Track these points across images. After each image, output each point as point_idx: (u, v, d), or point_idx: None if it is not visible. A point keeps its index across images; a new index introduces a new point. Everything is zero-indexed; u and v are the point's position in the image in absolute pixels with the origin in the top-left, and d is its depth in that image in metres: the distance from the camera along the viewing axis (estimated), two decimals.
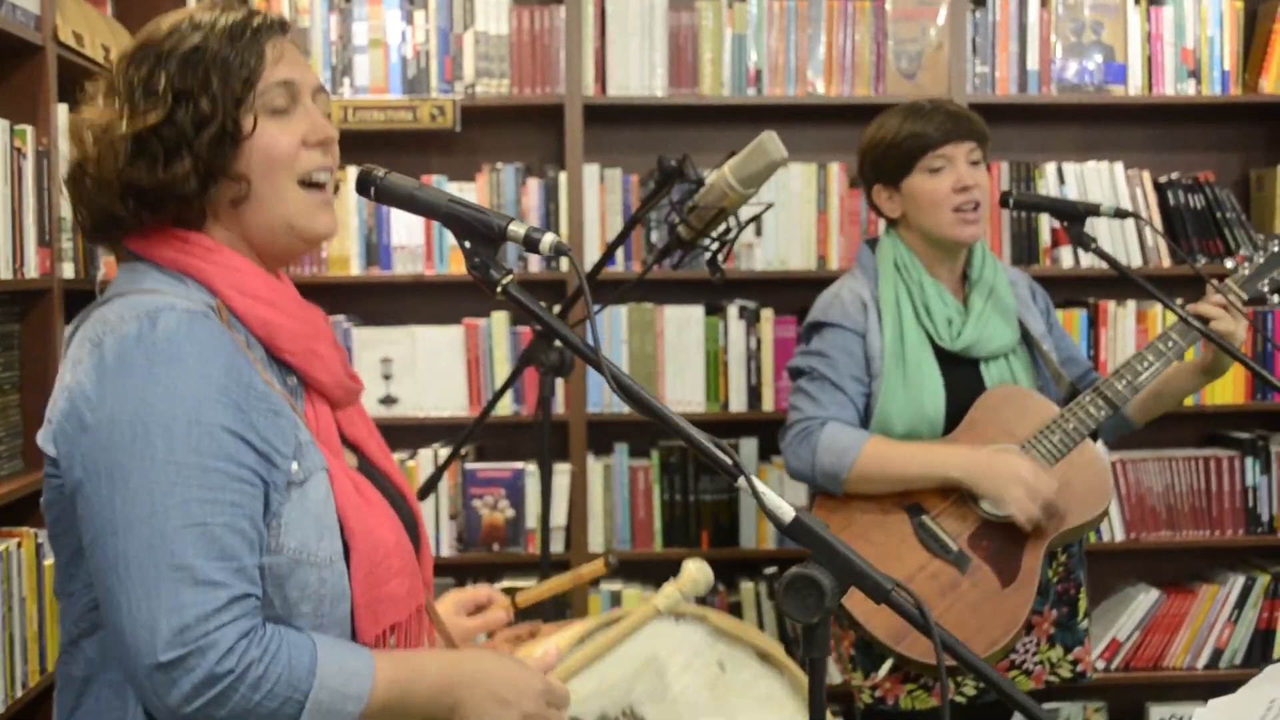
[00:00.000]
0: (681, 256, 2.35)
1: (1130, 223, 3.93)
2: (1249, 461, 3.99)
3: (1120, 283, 3.99)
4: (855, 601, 2.64)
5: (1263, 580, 4.01)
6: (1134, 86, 3.93)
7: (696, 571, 1.79)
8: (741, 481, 1.51)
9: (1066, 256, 3.93)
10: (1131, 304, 3.95)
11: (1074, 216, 2.67)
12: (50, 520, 1.56)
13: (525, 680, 1.60)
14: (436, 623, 1.76)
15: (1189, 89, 3.94)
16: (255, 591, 1.43)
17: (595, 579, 1.98)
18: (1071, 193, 3.91)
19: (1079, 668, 2.84)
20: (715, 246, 2.37)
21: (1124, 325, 3.94)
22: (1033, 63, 3.92)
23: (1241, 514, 4.00)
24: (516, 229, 1.59)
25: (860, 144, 2.86)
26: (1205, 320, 2.65)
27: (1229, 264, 2.79)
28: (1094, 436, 2.80)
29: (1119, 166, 3.95)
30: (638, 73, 3.87)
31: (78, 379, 1.45)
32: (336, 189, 1.67)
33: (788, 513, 1.50)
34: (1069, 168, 3.94)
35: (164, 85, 1.53)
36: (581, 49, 3.82)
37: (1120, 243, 3.93)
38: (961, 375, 2.78)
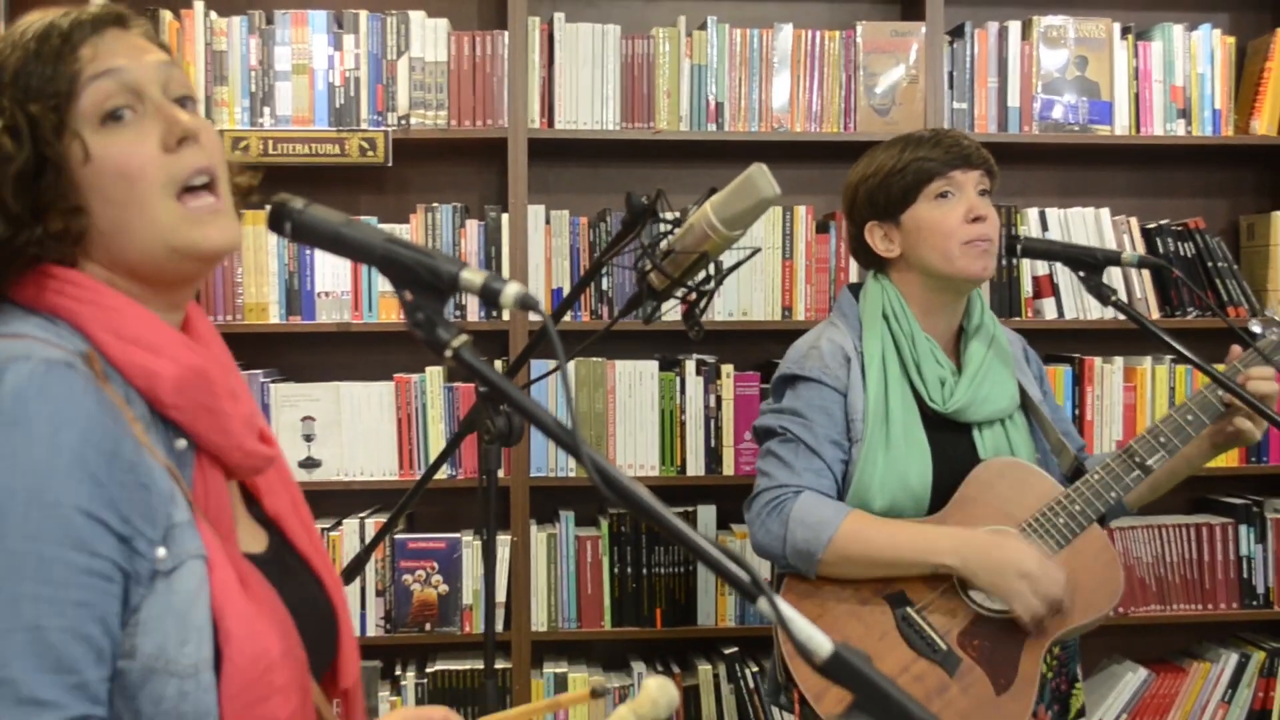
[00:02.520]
0: (654, 309, 2.02)
1: (1115, 271, 3.65)
2: (1243, 529, 3.71)
3: (1107, 337, 3.72)
4: (826, 703, 2.29)
5: (1257, 657, 3.73)
6: (1120, 126, 3.66)
7: (656, 691, 1.46)
8: (762, 604, 1.17)
9: (1050, 309, 3.64)
10: (1119, 360, 3.67)
11: (1092, 266, 2.37)
12: None
13: None
14: None
15: (1178, 129, 3.67)
16: (97, 712, 1.17)
17: (576, 704, 1.65)
18: (1055, 239, 3.63)
19: None
20: (692, 297, 2.04)
21: (1111, 382, 3.65)
22: (1013, 99, 3.63)
23: (1235, 586, 3.72)
24: (471, 277, 1.26)
25: (849, 179, 2.54)
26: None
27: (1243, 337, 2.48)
28: (1101, 521, 2.48)
29: (1105, 212, 3.67)
30: (588, 105, 3.54)
31: None
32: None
33: (824, 646, 1.16)
34: (1052, 213, 3.65)
35: None
36: (527, 78, 3.49)
37: None
38: (952, 442, 2.45)
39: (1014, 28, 3.64)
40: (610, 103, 3.54)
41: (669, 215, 2.13)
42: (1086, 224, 3.65)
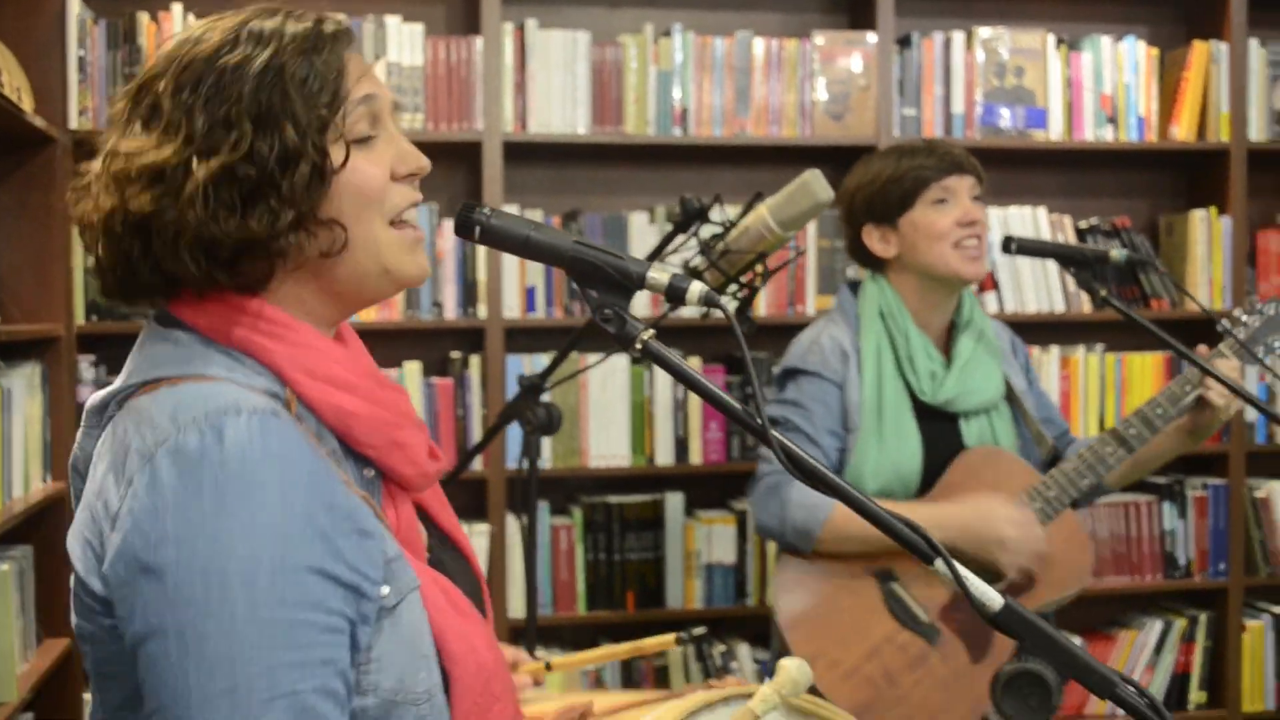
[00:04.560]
0: (715, 306, 2.16)
1: (1052, 267, 3.90)
2: (1166, 506, 4.00)
3: (1044, 328, 3.97)
4: (818, 669, 2.44)
5: (1179, 624, 4.01)
6: (1055, 131, 3.91)
7: (796, 671, 1.58)
8: (939, 564, 1.33)
9: (992, 302, 3.87)
10: (1055, 349, 3.92)
11: (1082, 263, 2.57)
12: (95, 658, 1.28)
13: None
14: None
15: (1107, 135, 3.94)
16: None
17: (659, 653, 1.79)
18: (995, 237, 3.86)
19: None
20: (743, 294, 2.19)
21: (1048, 370, 3.90)
22: (957, 106, 3.86)
23: (1159, 558, 4.01)
24: (658, 276, 1.38)
25: (846, 186, 2.72)
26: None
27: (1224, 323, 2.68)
28: (1074, 505, 2.70)
29: (1042, 211, 3.92)
30: (559, 109, 3.67)
31: (129, 506, 1.18)
32: None
33: (996, 600, 1.32)
34: (993, 212, 3.89)
35: (237, 113, 1.25)
36: (500, 83, 3.60)
37: (1043, 287, 3.90)
38: (940, 431, 2.66)
39: (957, 38, 3.86)
40: (581, 107, 3.67)
41: (728, 218, 2.27)
42: (1025, 223, 3.90)
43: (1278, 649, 4.05)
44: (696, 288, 1.38)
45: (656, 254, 2.27)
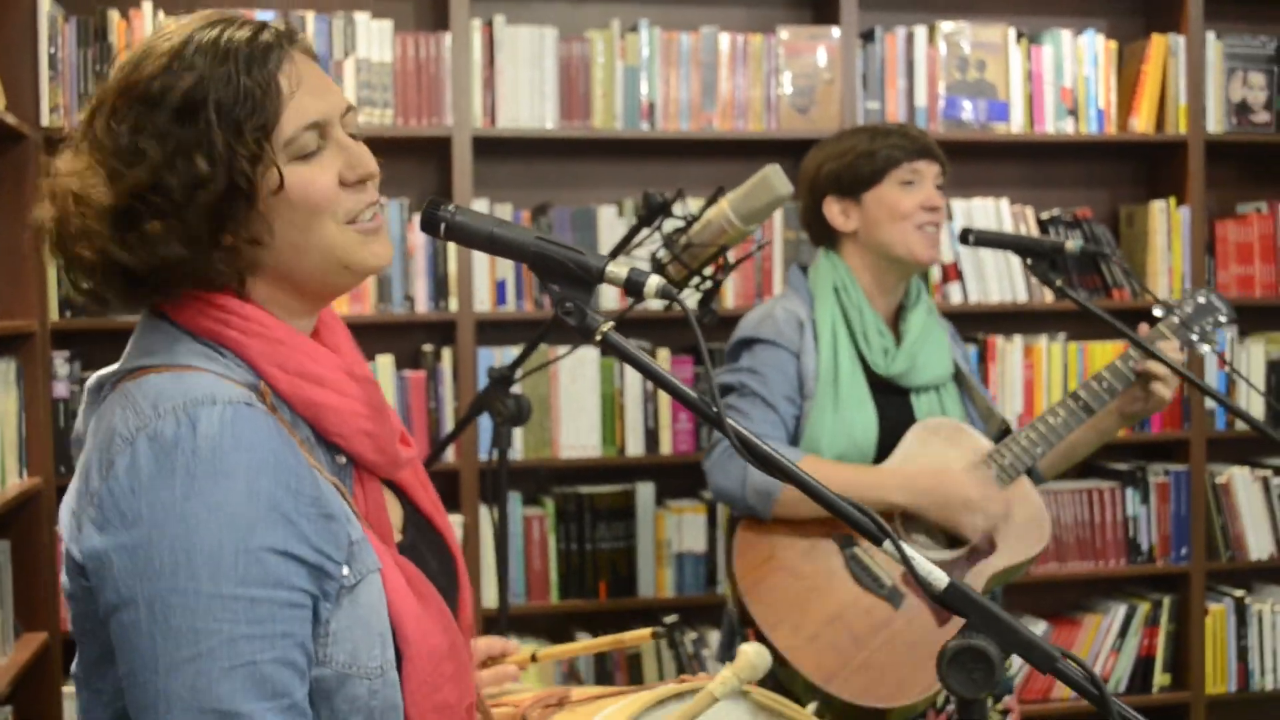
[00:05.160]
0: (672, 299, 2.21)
1: (1014, 258, 3.96)
2: (1129, 492, 4.07)
3: (1007, 318, 4.04)
4: (781, 635, 2.50)
5: (1143, 608, 4.08)
6: (1016, 124, 3.97)
7: (755, 656, 1.64)
8: (887, 545, 1.38)
9: (955, 292, 3.93)
10: (1019, 339, 3.99)
11: (1039, 254, 2.63)
12: (75, 614, 1.37)
13: None
14: (484, 714, 1.62)
15: (1068, 127, 4.00)
16: None
17: (638, 643, 1.85)
18: (956, 228, 3.92)
19: (1009, 718, 2.79)
20: (707, 286, 2.24)
21: (1012, 359, 3.97)
22: (920, 99, 3.92)
23: (1123, 544, 4.08)
24: (617, 271, 1.44)
25: (814, 157, 2.76)
26: (1148, 374, 2.64)
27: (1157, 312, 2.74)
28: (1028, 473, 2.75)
29: (1004, 203, 3.98)
30: (527, 104, 3.71)
31: (109, 485, 1.27)
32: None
33: (941, 579, 1.38)
34: (957, 204, 3.95)
35: (151, 142, 1.30)
36: (469, 79, 3.64)
37: (1006, 277, 3.96)
38: (892, 405, 2.70)
39: (920, 32, 3.92)
40: (549, 102, 3.72)
41: (689, 212, 2.32)
42: (988, 214, 3.96)
43: (1239, 632, 4.13)
44: (654, 281, 1.43)
45: (621, 248, 2.32)
